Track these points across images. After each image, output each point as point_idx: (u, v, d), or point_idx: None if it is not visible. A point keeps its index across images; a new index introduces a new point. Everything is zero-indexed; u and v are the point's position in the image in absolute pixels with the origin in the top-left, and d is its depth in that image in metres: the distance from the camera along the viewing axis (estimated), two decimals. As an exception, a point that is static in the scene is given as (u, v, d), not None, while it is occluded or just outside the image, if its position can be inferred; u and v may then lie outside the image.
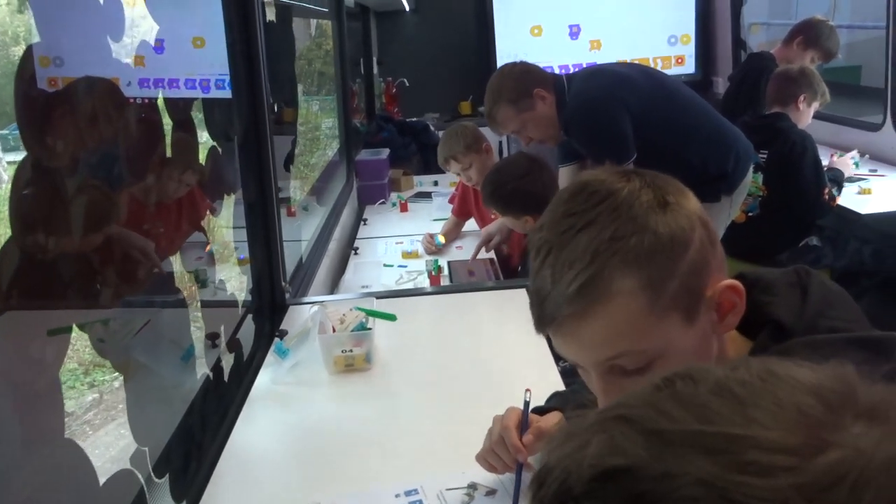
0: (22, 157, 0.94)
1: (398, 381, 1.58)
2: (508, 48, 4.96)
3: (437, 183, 3.91)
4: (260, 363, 1.65)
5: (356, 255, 2.87)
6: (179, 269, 1.48)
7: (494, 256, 2.72)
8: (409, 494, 1.16)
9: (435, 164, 4.50)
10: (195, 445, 1.35)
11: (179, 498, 1.18)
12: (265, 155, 1.84)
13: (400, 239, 2.97)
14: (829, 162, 2.97)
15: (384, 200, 3.63)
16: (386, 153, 3.86)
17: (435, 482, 1.17)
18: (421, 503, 1.14)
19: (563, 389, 1.24)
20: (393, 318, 1.73)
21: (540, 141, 2.42)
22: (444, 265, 2.59)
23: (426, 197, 3.62)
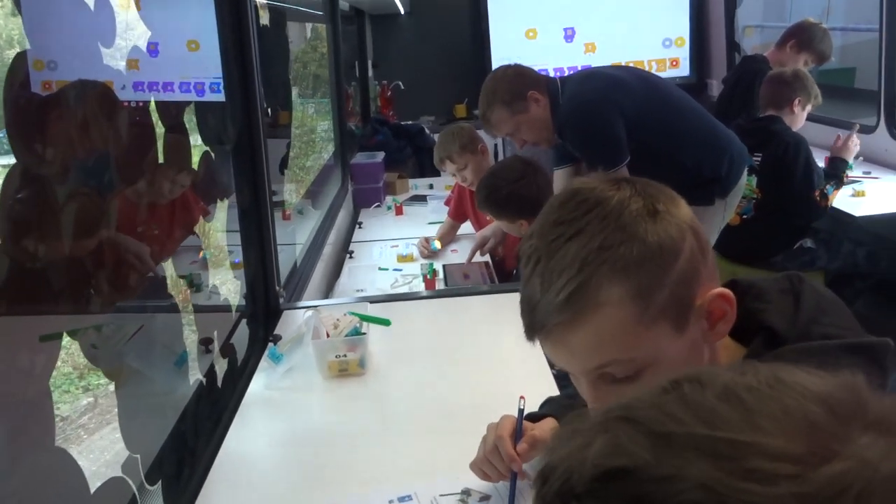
0: (14, 161, 0.94)
1: (392, 386, 1.58)
2: (503, 51, 4.96)
3: (432, 186, 3.91)
4: (254, 368, 1.64)
5: (351, 258, 2.86)
6: (171, 273, 1.48)
7: (489, 260, 2.71)
8: (402, 500, 1.15)
9: (430, 167, 4.50)
10: (188, 452, 1.34)
11: (172, 505, 1.18)
12: (259, 159, 1.83)
13: (395, 242, 2.97)
14: (831, 151, 2.95)
15: (379, 204, 3.63)
16: (381, 156, 3.86)
17: (429, 488, 1.17)
18: (414, 509, 1.14)
19: (556, 395, 1.24)
20: (387, 322, 1.73)
21: (534, 143, 2.42)
22: (439, 269, 2.59)
23: (421, 200, 3.62)
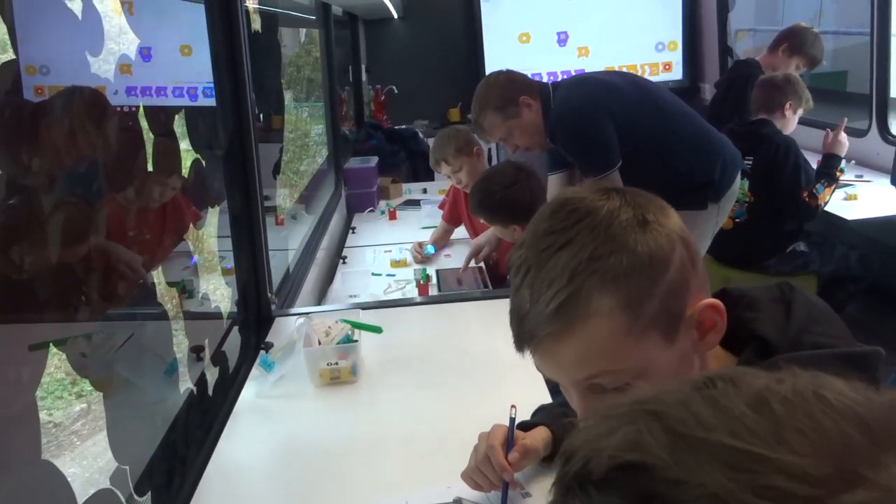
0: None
1: (384, 394, 1.57)
2: (497, 55, 4.97)
3: (426, 191, 3.91)
4: (245, 376, 1.63)
5: (344, 264, 2.86)
6: (161, 280, 1.47)
7: (483, 265, 2.71)
8: (394, 510, 1.15)
9: (424, 171, 4.51)
10: (178, 461, 1.33)
11: (162, 516, 1.17)
12: (250, 165, 1.82)
13: (388, 247, 2.96)
14: (822, 149, 2.94)
15: (373, 209, 3.62)
16: (375, 161, 3.85)
17: (421, 497, 1.16)
18: (406, 519, 1.13)
19: (548, 403, 1.23)
20: (378, 330, 1.72)
21: (526, 148, 2.42)
22: (432, 274, 2.59)
23: (415, 205, 3.61)
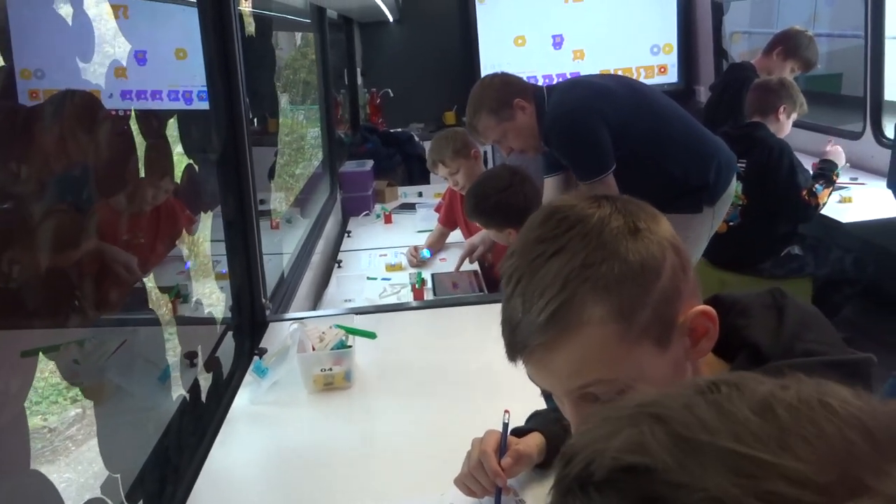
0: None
1: (378, 400, 1.56)
2: (492, 58, 4.98)
3: (421, 194, 3.90)
4: (239, 383, 1.63)
5: (339, 268, 2.85)
6: (152, 285, 1.46)
7: (478, 268, 2.71)
8: (387, 518, 1.14)
9: (420, 175, 4.50)
10: (171, 469, 1.32)
11: (154, 524, 1.16)
12: (244, 169, 1.81)
13: (384, 251, 2.96)
14: (821, 154, 2.96)
15: (368, 212, 3.61)
16: (370, 164, 3.85)
17: (414, 503, 1.16)
18: (399, 527, 1.13)
19: (543, 409, 1.23)
20: (373, 335, 1.72)
21: (521, 151, 2.42)
22: (427, 278, 2.58)
23: (410, 208, 3.61)
